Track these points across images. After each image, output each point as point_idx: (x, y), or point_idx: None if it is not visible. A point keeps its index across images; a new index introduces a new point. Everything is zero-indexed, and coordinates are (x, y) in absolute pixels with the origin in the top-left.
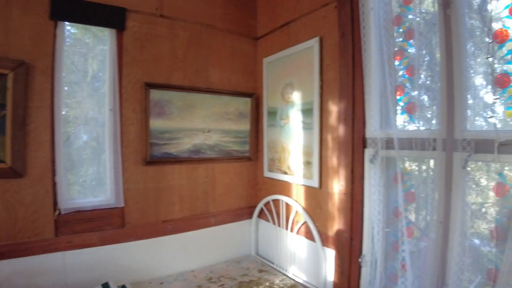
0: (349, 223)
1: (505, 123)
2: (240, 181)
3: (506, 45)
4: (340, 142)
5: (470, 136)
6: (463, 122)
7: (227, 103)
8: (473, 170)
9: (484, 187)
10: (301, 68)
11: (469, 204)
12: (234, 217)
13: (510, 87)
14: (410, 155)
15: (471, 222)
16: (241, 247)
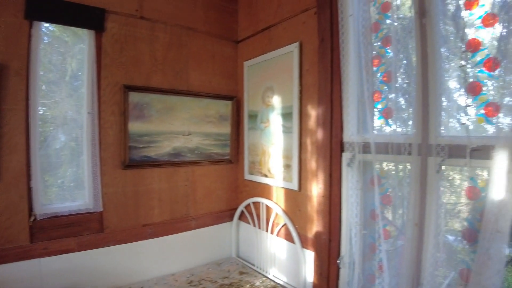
0: (327, 225)
1: (477, 129)
2: (220, 184)
3: (479, 54)
4: (318, 146)
5: (444, 141)
6: (437, 128)
7: (208, 106)
8: (447, 174)
9: (457, 190)
10: (281, 72)
11: (442, 206)
12: (215, 220)
13: (482, 94)
14: (386, 159)
15: (445, 224)
16: (222, 250)
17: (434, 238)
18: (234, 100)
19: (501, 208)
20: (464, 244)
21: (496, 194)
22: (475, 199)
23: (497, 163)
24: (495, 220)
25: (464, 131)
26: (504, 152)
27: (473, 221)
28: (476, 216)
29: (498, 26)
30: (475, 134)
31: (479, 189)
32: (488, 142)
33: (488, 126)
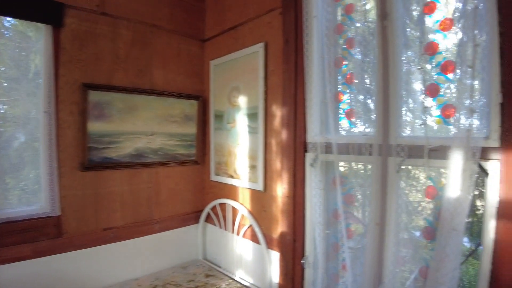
0: (291, 226)
1: (435, 130)
2: (186, 185)
3: (437, 57)
4: (283, 146)
5: (403, 142)
6: (397, 129)
7: (172, 105)
8: (413, 174)
9: (417, 190)
10: (247, 72)
11: (402, 206)
12: (181, 222)
13: (440, 96)
14: (348, 159)
15: (406, 223)
16: (188, 253)
17: (394, 237)
18: (200, 100)
19: (457, 206)
20: (424, 242)
21: (451, 193)
22: (433, 198)
23: (453, 163)
24: (451, 218)
25: (423, 132)
26: (459, 152)
27: (432, 219)
28: (434, 214)
29: (454, 30)
30: (434, 135)
31: (437, 189)
32: (445, 142)
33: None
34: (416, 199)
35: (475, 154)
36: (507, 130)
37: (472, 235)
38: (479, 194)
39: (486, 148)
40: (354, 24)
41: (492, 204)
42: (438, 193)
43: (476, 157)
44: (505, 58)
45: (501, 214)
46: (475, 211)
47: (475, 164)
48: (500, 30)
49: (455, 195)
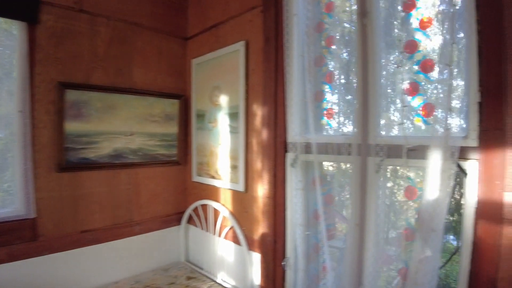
0: (272, 227)
1: (414, 129)
2: (167, 186)
3: (416, 55)
4: (263, 146)
5: (382, 141)
6: (376, 128)
7: (153, 104)
8: (386, 174)
9: (396, 190)
10: (228, 71)
11: (382, 207)
12: (162, 224)
13: (419, 95)
14: (328, 159)
15: (385, 224)
16: (170, 255)
17: (374, 238)
18: (181, 99)
19: (436, 207)
20: (404, 243)
21: (430, 193)
22: (412, 198)
23: (431, 163)
24: (430, 219)
25: (402, 131)
26: (438, 152)
27: (412, 220)
28: (414, 215)
29: (434, 28)
30: (413, 134)
31: (416, 189)
32: (424, 142)
33: (427, 126)
34: (396, 199)
35: (453, 154)
36: (485, 129)
37: (457, 234)
38: (464, 193)
39: (465, 147)
40: (334, 22)
41: (471, 204)
42: (418, 194)
43: (454, 157)
44: (483, 57)
45: (480, 215)
46: (460, 210)
47: (454, 164)
48: (478, 28)
49: (434, 195)
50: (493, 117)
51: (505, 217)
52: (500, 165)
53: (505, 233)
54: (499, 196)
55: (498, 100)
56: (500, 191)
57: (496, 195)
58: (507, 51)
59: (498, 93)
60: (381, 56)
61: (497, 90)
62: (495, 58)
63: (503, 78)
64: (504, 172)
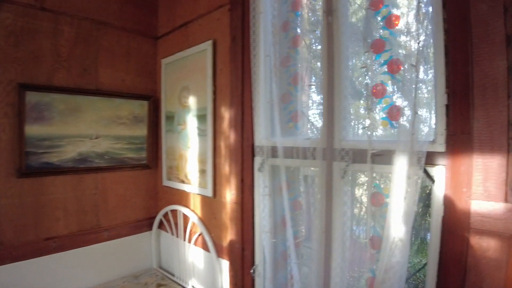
0: (240, 234)
1: (381, 133)
2: (137, 191)
3: (383, 55)
4: (231, 149)
5: (348, 146)
6: (342, 132)
7: (120, 106)
8: (352, 180)
9: (363, 197)
10: (196, 71)
11: (348, 213)
12: (132, 229)
13: (386, 97)
14: (294, 164)
15: (352, 232)
16: (141, 261)
17: (340, 246)
18: (151, 100)
19: (403, 215)
20: (371, 252)
21: (397, 201)
22: (379, 205)
23: (397, 168)
24: (396, 227)
25: (367, 135)
26: (404, 157)
27: (379, 228)
28: (381, 223)
29: (401, 27)
30: (381, 138)
31: (383, 196)
32: (390, 146)
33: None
34: (362, 206)
35: (420, 159)
36: (452, 133)
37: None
38: (431, 201)
39: (432, 153)
40: (300, 21)
41: (438, 213)
42: (385, 200)
43: (421, 162)
44: (450, 57)
45: (447, 224)
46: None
47: (420, 170)
48: (445, 27)
49: (400, 203)
50: (460, 121)
51: (472, 226)
52: (467, 171)
53: (472, 243)
54: (466, 205)
55: (465, 102)
56: (467, 199)
57: (463, 203)
58: (474, 51)
59: (465, 96)
60: (347, 56)
61: (464, 92)
62: (462, 59)
63: (469, 79)
64: (470, 179)
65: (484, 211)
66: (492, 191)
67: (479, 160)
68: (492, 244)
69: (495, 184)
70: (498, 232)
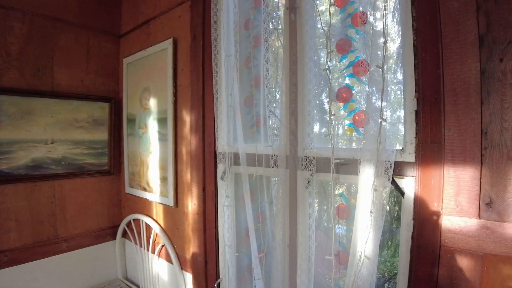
0: (203, 246)
1: (347, 140)
2: (99, 198)
3: (348, 56)
4: (192, 156)
5: (311, 154)
6: (305, 139)
7: (78, 108)
8: (317, 190)
9: (328, 208)
10: (157, 72)
11: (313, 227)
12: (94, 239)
13: (351, 101)
14: (257, 172)
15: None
16: (106, 272)
17: (305, 261)
18: (112, 102)
19: (369, 230)
20: (338, 268)
21: (363, 214)
22: (345, 218)
23: (363, 179)
24: (363, 243)
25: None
26: (370, 167)
27: (345, 242)
28: (348, 237)
29: (368, 25)
30: (346, 146)
31: (350, 208)
32: (356, 155)
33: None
34: (328, 218)
35: (388, 170)
36: (422, 142)
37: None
38: (401, 216)
39: (401, 163)
40: (262, 19)
41: (407, 228)
42: (351, 213)
43: (389, 173)
44: (419, 58)
45: (417, 240)
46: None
47: (388, 182)
48: (413, 26)
49: (366, 217)
50: (430, 129)
51: (444, 244)
52: (438, 184)
53: (443, 262)
54: (436, 220)
55: (436, 108)
56: (438, 214)
57: (433, 219)
58: (445, 52)
59: (436, 101)
60: (311, 56)
61: (434, 97)
62: (432, 60)
63: (441, 83)
64: (441, 192)
65: (456, 228)
66: (464, 206)
67: (450, 172)
68: (465, 263)
69: (468, 198)
70: (470, 250)
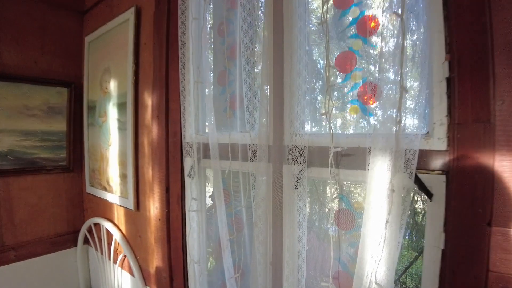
0: (167, 260)
1: (349, 123)
2: (56, 199)
3: (351, 11)
4: (153, 148)
5: (302, 142)
6: (294, 123)
7: (30, 93)
8: (309, 190)
9: (324, 216)
10: (119, 49)
11: (303, 240)
12: (51, 246)
13: (356, 70)
14: (232, 166)
15: (308, 265)
16: (66, 283)
17: (292, 286)
18: (72, 87)
19: (383, 246)
20: None
21: (373, 224)
22: (349, 229)
23: (374, 174)
24: (373, 264)
25: (327, 127)
26: (384, 158)
27: (347, 262)
28: (351, 255)
29: None
30: (349, 130)
31: (355, 215)
32: (363, 143)
33: (369, 119)
34: (323, 229)
35: (409, 162)
36: (460, 122)
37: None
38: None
39: (426, 152)
40: None
41: (434, 243)
42: (356, 222)
43: (411, 167)
44: (453, 3)
45: (450, 263)
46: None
47: (411, 179)
48: None
49: (380, 228)
50: (471, 102)
51: (493, 269)
52: (485, 181)
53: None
54: (482, 234)
55: (478, 72)
56: (484, 225)
57: (477, 232)
58: None
59: (479, 61)
60: (300, 13)
61: (477, 57)
62: (473, 4)
63: (487, 36)
64: (490, 193)
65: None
66: None
67: (505, 164)
68: None
69: None
70: None
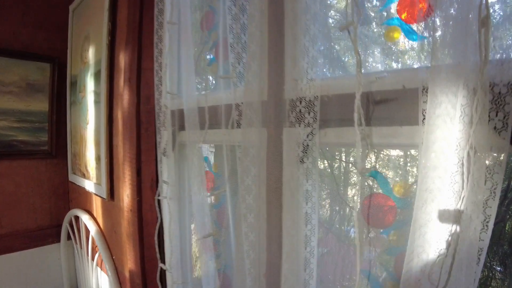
0: (139, 261)
1: (384, 53)
2: (36, 187)
3: None
4: (124, 119)
5: (311, 91)
6: (300, 61)
7: (6, 68)
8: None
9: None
10: (98, 10)
11: (312, 240)
12: (31, 241)
13: None
14: (214, 138)
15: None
16: (48, 282)
17: None
18: (55, 63)
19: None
20: None
21: (429, 216)
22: (387, 224)
23: (436, 132)
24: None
25: (353, 42)
26: (454, 101)
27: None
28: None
29: None
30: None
31: (395, 204)
32: (413, 80)
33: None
34: (343, 224)
35: (501, 102)
36: None
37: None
38: None
39: None
40: None
41: None
42: (397, 214)
43: (503, 111)
44: None
45: None
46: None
47: (496, 135)
48: None
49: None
50: None
51: None
52: None
53: None
54: None
55: None
56: None
57: None
58: None
59: None
60: None
61: None
62: None
63: None
64: None
65: None
66: None
67: None
68: None
69: None
70: None
